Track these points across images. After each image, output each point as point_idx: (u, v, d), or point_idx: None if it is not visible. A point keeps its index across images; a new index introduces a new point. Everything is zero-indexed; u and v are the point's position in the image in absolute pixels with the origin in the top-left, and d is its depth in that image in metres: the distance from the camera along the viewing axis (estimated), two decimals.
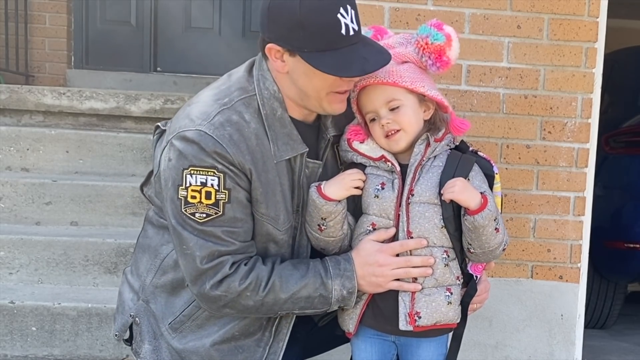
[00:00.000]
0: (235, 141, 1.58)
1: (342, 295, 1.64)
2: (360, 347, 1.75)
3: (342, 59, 1.54)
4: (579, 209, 2.60)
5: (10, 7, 4.43)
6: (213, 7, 4.84)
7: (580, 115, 2.56)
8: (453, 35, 1.65)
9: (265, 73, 1.65)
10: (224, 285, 1.59)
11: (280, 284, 1.61)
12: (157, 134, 1.77)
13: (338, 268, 1.64)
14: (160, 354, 1.74)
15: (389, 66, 1.61)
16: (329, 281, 1.63)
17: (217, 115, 1.59)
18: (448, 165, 1.65)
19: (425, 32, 1.64)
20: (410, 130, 1.65)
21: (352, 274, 1.63)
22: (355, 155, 1.70)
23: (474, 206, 1.59)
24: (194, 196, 1.57)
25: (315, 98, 1.62)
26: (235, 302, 1.62)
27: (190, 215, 1.58)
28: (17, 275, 2.80)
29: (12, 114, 3.54)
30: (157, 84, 4.61)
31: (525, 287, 2.62)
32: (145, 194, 1.86)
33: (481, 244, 1.64)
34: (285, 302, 1.62)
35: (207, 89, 1.71)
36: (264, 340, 1.72)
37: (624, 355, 3.45)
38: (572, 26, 2.53)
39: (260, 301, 1.61)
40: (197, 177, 1.56)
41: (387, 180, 1.66)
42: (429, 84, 1.66)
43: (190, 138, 1.57)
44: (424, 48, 1.63)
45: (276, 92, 1.64)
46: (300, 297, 1.63)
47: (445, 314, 1.66)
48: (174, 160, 1.59)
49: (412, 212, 1.62)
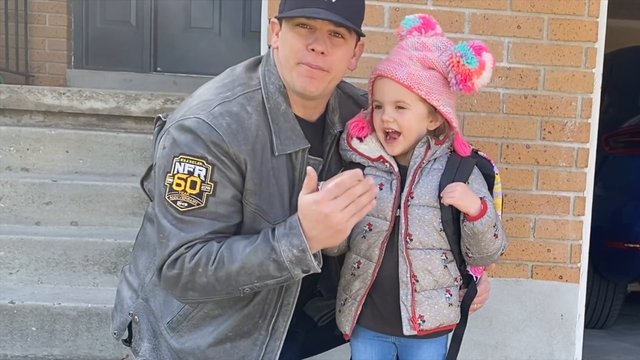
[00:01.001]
0: (233, 131, 1.57)
1: (294, 254, 1.52)
2: (360, 348, 1.75)
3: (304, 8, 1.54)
4: (579, 209, 2.60)
5: (10, 7, 4.43)
6: (213, 7, 4.84)
7: (580, 115, 2.56)
8: (488, 64, 1.60)
9: (272, 68, 1.66)
10: (177, 264, 1.58)
11: (229, 254, 1.55)
12: (158, 126, 1.77)
13: (284, 227, 1.54)
14: (160, 352, 1.74)
15: (413, 68, 1.59)
16: (276, 243, 1.53)
17: (217, 106, 1.60)
18: (448, 168, 1.64)
19: (462, 51, 1.59)
20: (409, 136, 1.63)
21: (299, 230, 1.51)
22: (354, 154, 1.69)
23: (473, 212, 1.59)
24: (179, 184, 1.56)
25: (288, 69, 1.61)
26: (191, 281, 1.58)
27: (172, 202, 1.57)
28: (17, 275, 2.80)
29: (12, 114, 3.54)
30: (157, 84, 4.62)
31: (525, 287, 2.62)
32: (145, 188, 1.86)
33: (480, 250, 1.64)
34: (239, 273, 1.55)
35: (209, 82, 1.72)
36: (260, 340, 1.71)
37: (624, 355, 3.44)
38: (572, 26, 2.53)
39: (213, 277, 1.56)
40: (186, 165, 1.56)
41: (385, 181, 1.65)
42: (445, 98, 1.62)
43: (187, 126, 1.57)
44: (454, 65, 1.58)
45: (281, 87, 1.64)
46: (252, 266, 1.54)
47: (447, 316, 1.67)
48: (167, 148, 1.59)
49: (411, 215, 1.62)
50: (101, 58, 4.85)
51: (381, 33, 2.46)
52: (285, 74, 1.63)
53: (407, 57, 1.61)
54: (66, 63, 4.82)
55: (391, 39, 2.47)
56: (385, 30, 2.47)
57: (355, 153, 1.69)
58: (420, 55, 1.61)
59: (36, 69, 4.76)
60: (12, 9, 4.44)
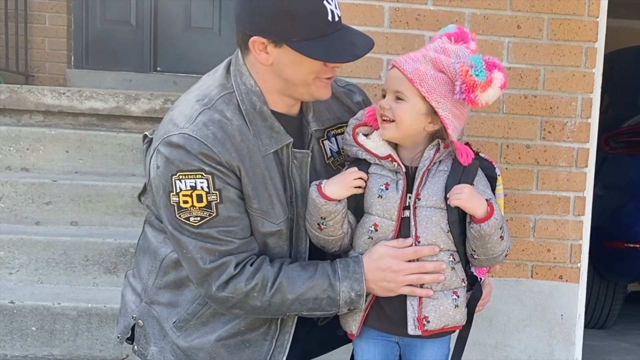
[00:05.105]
0: (220, 139, 1.57)
1: (351, 297, 1.62)
2: (363, 347, 1.74)
3: (333, 45, 1.54)
4: (579, 209, 2.60)
5: (10, 7, 4.43)
6: (213, 7, 4.84)
7: (580, 115, 2.56)
8: (496, 82, 1.55)
9: (241, 67, 1.64)
10: (230, 287, 1.59)
11: (288, 284, 1.60)
12: (147, 143, 1.75)
13: (347, 270, 1.63)
14: (166, 354, 1.74)
15: (422, 65, 1.59)
16: (337, 283, 1.61)
17: (199, 116, 1.59)
18: (454, 170, 1.63)
19: (474, 62, 1.55)
20: (402, 127, 1.61)
21: (361, 276, 1.61)
22: (360, 150, 1.67)
23: (480, 214, 1.58)
24: (186, 201, 1.57)
25: (302, 86, 1.61)
26: (243, 302, 1.61)
27: (185, 220, 1.58)
28: (17, 275, 2.80)
29: (12, 114, 3.53)
30: (157, 84, 4.61)
31: (525, 287, 2.62)
32: (144, 203, 1.85)
33: (486, 251, 1.64)
34: (293, 303, 1.62)
35: (188, 91, 1.71)
36: (270, 334, 1.72)
37: (624, 355, 3.45)
38: (572, 26, 2.53)
39: (267, 302, 1.61)
40: (186, 181, 1.56)
41: (391, 180, 1.64)
42: (448, 103, 1.59)
43: (175, 142, 1.57)
44: (462, 74, 1.55)
45: (253, 86, 1.63)
46: (307, 299, 1.62)
47: (453, 317, 1.66)
48: (162, 167, 1.59)
49: (419, 217, 1.61)
50: (101, 58, 4.85)
51: (381, 33, 2.46)
52: (292, 90, 1.63)
53: (422, 55, 1.62)
54: (66, 63, 4.82)
55: (391, 39, 2.48)
56: (385, 30, 2.47)
57: (361, 149, 1.67)
58: (435, 56, 1.60)
59: (36, 68, 4.76)
60: (12, 9, 4.44)
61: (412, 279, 1.61)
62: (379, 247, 1.63)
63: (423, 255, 1.62)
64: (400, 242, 1.62)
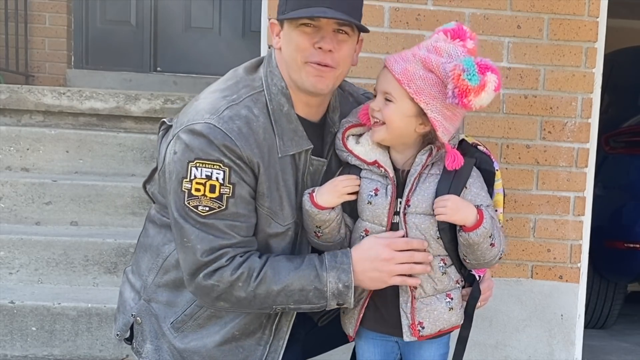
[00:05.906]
0: (245, 134, 1.58)
1: (338, 289, 1.59)
2: (363, 347, 1.75)
3: (307, 9, 1.54)
4: (579, 209, 2.60)
5: (10, 7, 4.42)
6: (213, 7, 4.84)
7: (580, 115, 2.56)
8: (490, 86, 1.51)
9: (274, 69, 1.66)
10: (216, 275, 1.59)
11: (273, 274, 1.59)
12: (163, 130, 1.76)
13: (334, 260, 1.61)
14: (162, 353, 1.74)
15: (411, 65, 1.56)
16: (324, 273, 1.59)
17: (225, 110, 1.60)
18: (445, 173, 1.60)
19: (466, 65, 1.50)
20: (392, 129, 1.58)
21: (349, 267, 1.60)
22: (350, 156, 1.66)
23: (469, 224, 1.57)
24: (198, 189, 1.57)
25: (296, 71, 1.60)
26: (227, 293, 1.60)
27: (193, 208, 1.58)
28: (17, 275, 2.80)
29: (12, 114, 3.53)
30: (157, 84, 4.61)
31: (525, 287, 2.62)
32: (148, 191, 1.85)
33: (476, 257, 1.63)
34: (278, 294, 1.60)
35: (213, 85, 1.71)
36: (264, 339, 1.72)
37: (624, 355, 3.44)
38: (572, 26, 2.53)
39: (252, 292, 1.59)
40: (203, 169, 1.56)
41: (380, 185, 1.63)
42: (438, 104, 1.55)
43: (198, 131, 1.57)
44: (454, 77, 1.50)
45: (284, 88, 1.64)
46: (293, 290, 1.59)
47: (448, 320, 1.66)
48: (180, 152, 1.59)
49: (408, 224, 1.61)
50: (101, 58, 4.85)
51: (381, 33, 2.46)
52: (292, 74, 1.62)
53: (412, 54, 1.59)
54: (66, 63, 4.82)
55: (391, 39, 2.48)
56: (385, 30, 2.47)
57: (351, 155, 1.66)
58: (425, 56, 1.56)
59: (36, 69, 4.76)
60: (12, 9, 4.44)
61: (404, 269, 1.59)
62: (369, 238, 1.63)
63: (413, 247, 1.60)
64: (391, 234, 1.61)
